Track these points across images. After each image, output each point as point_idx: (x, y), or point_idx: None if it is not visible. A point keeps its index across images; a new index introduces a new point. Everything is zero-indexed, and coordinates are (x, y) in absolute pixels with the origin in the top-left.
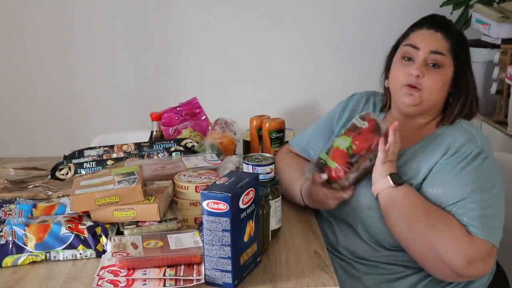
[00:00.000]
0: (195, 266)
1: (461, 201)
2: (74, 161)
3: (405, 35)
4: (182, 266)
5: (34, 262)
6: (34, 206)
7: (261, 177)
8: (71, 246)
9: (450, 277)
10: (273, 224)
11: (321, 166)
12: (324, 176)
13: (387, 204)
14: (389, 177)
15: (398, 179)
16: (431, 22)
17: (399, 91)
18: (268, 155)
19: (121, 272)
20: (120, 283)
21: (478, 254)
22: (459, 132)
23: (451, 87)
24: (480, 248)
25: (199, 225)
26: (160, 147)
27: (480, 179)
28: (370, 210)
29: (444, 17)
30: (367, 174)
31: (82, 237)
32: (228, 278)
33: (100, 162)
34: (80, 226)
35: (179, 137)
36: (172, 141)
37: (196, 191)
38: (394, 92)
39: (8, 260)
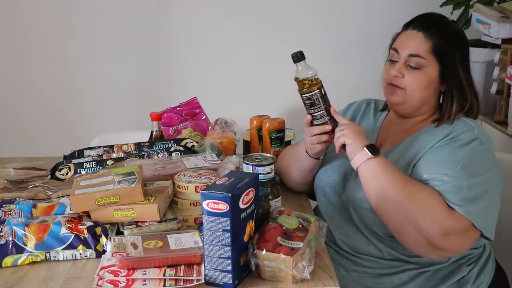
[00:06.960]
0: (195, 266)
1: (448, 177)
2: (74, 161)
3: (396, 35)
4: (182, 266)
5: (34, 262)
6: (34, 206)
7: (261, 177)
8: (71, 246)
9: (424, 248)
10: None
11: None
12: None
13: (367, 175)
14: (365, 149)
15: (374, 149)
16: (419, 21)
17: (386, 89)
18: (268, 155)
19: (121, 272)
20: (120, 283)
21: (455, 228)
22: (457, 123)
23: (442, 85)
24: (458, 222)
25: (199, 225)
26: (160, 147)
27: (470, 163)
28: (362, 202)
29: (435, 16)
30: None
31: (82, 237)
32: (228, 278)
33: (100, 162)
34: (80, 226)
35: (179, 137)
36: (172, 141)
37: (196, 191)
38: (383, 90)
39: (8, 260)
